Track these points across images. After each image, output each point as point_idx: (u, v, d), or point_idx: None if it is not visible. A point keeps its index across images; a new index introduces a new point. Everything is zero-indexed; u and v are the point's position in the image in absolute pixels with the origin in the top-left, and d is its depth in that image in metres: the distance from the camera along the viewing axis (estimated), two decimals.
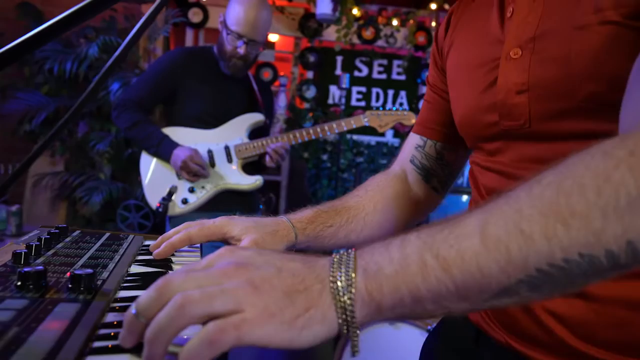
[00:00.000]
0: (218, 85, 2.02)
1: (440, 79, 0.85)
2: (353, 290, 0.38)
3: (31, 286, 0.49)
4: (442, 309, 0.40)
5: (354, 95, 4.57)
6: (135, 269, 0.66)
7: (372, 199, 0.87)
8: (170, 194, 1.92)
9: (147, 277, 0.62)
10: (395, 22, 4.22)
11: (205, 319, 0.36)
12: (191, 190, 1.95)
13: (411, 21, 4.25)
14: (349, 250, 0.42)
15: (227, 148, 2.01)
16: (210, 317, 0.36)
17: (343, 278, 0.39)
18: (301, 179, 4.04)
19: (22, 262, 0.57)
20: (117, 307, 0.50)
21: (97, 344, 0.41)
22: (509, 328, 0.62)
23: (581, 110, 0.54)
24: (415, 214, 0.92)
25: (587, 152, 0.36)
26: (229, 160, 2.01)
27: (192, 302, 0.36)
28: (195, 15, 4.11)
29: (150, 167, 2.01)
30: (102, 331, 0.44)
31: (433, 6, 4.14)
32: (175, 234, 0.71)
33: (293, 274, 0.40)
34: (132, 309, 0.38)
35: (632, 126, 0.41)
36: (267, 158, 1.99)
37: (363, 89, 4.56)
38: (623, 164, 0.34)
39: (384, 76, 4.56)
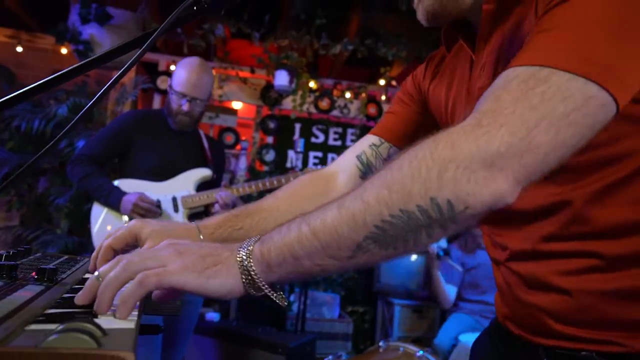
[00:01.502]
0: (167, 141, 2.18)
1: (417, 97, 0.95)
2: (250, 253, 0.56)
3: (4, 275, 0.65)
4: (316, 266, 0.55)
5: (311, 160, 4.87)
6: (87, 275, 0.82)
7: (289, 199, 0.91)
8: None
9: None
10: (348, 95, 4.65)
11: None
12: None
13: (363, 94, 4.69)
14: (258, 236, 0.61)
15: (174, 199, 2.14)
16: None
17: (245, 247, 0.58)
18: None
19: None
20: (72, 290, 0.66)
21: (58, 304, 0.58)
22: (519, 323, 0.75)
23: None
24: None
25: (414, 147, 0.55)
26: (176, 210, 2.14)
27: (132, 262, 0.55)
28: (163, 83, 4.39)
29: (100, 217, 2.12)
30: (61, 299, 0.60)
31: (382, 82, 4.62)
32: (99, 251, 0.77)
33: (211, 247, 0.59)
34: (95, 273, 0.56)
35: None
36: (216, 206, 2.12)
37: (319, 154, 4.88)
38: (427, 148, 0.52)
39: (339, 142, 4.91)
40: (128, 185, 2.11)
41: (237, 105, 4.83)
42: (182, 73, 2.10)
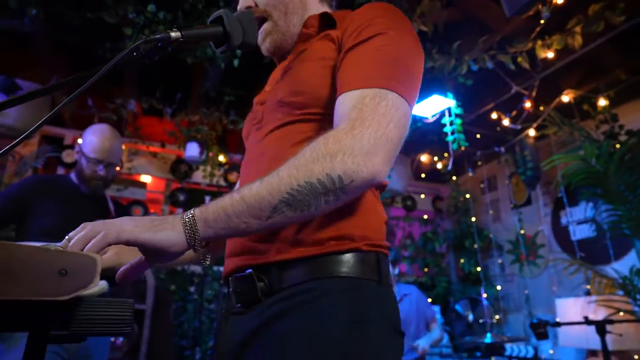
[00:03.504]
0: (70, 202, 2.15)
1: None
2: (191, 213, 0.73)
3: None
4: (243, 223, 0.72)
5: None
6: None
7: None
8: None
9: None
10: None
11: None
12: None
13: None
14: None
15: None
16: None
17: (188, 211, 0.74)
18: (166, 309, 4.06)
19: None
20: None
21: None
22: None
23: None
24: None
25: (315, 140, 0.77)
26: None
27: (96, 225, 0.70)
28: (68, 156, 4.37)
29: None
30: None
31: None
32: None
33: (161, 216, 0.76)
34: (66, 237, 0.71)
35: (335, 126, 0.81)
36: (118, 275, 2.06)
37: None
38: (321, 143, 0.74)
39: None
40: None
41: (146, 178, 4.89)
42: (94, 139, 2.15)
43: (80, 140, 2.21)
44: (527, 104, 3.56)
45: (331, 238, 0.82)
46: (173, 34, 0.84)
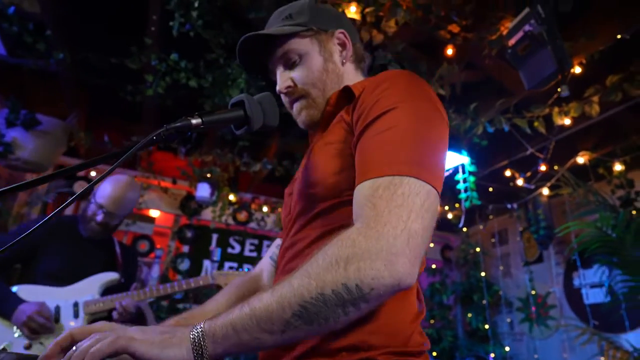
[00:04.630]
0: (76, 245, 2.13)
1: None
2: (201, 329, 0.67)
3: None
4: (254, 339, 0.65)
5: (226, 270, 4.92)
6: None
7: (227, 301, 1.03)
8: (3, 350, 1.78)
9: None
10: (265, 209, 4.96)
11: None
12: (27, 347, 1.90)
13: (279, 209, 5.03)
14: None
15: (76, 304, 2.03)
16: None
17: (197, 325, 0.68)
18: None
19: None
20: None
21: None
22: None
23: None
24: None
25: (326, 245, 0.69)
26: (76, 315, 2.02)
27: (104, 334, 0.66)
28: (80, 188, 4.39)
29: None
30: None
31: None
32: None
33: (169, 327, 0.70)
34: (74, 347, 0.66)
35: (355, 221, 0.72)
36: (115, 314, 2.01)
37: (235, 265, 4.96)
38: (334, 246, 0.67)
39: (254, 254, 5.07)
40: (27, 291, 2.00)
41: (155, 213, 4.88)
42: (107, 186, 2.15)
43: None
44: (543, 167, 3.53)
45: (343, 348, 0.75)
46: (194, 121, 0.81)
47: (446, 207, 5.06)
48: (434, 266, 5.71)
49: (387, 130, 0.75)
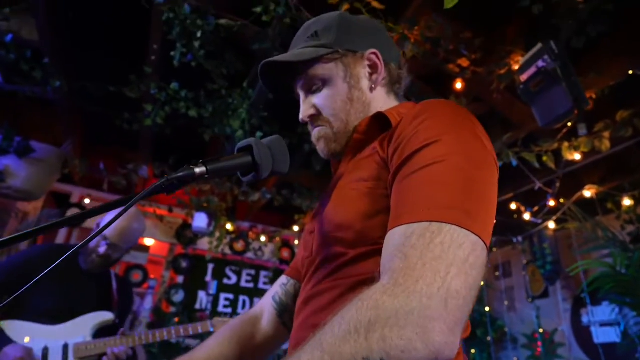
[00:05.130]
0: (72, 280, 2.02)
1: None
2: None
3: None
4: None
5: (222, 302, 4.75)
6: None
7: (220, 346, 0.96)
8: None
9: None
10: (263, 238, 4.83)
11: None
12: None
13: (277, 238, 4.91)
14: None
15: (65, 347, 1.92)
16: None
17: None
18: None
19: None
20: None
21: None
22: None
23: None
24: (261, 353, 0.99)
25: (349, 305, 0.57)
26: (65, 359, 1.90)
27: None
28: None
29: None
30: None
31: (296, 228, 4.90)
32: None
33: None
34: None
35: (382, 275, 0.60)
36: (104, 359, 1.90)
37: (231, 296, 4.80)
38: (353, 309, 0.55)
39: (251, 285, 4.92)
40: (14, 327, 1.87)
41: (149, 241, 4.75)
42: (113, 215, 2.02)
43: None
44: (551, 202, 3.44)
45: None
46: (197, 170, 0.72)
47: None
48: None
49: (426, 167, 0.64)
